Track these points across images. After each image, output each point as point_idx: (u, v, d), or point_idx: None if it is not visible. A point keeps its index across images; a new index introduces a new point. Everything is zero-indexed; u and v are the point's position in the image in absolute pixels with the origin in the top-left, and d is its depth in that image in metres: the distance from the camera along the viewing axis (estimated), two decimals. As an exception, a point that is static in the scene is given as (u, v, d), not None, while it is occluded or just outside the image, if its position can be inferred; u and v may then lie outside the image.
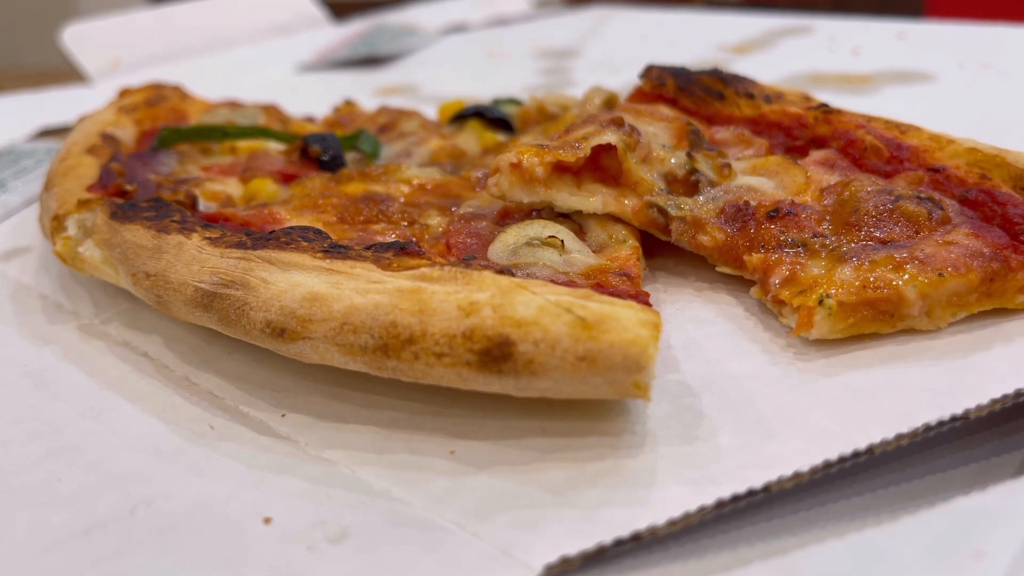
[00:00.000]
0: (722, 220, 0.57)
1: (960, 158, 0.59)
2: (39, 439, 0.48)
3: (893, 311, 0.49)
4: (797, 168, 0.60)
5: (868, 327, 0.50)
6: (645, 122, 0.65)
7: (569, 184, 0.59)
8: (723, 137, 0.67)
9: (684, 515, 0.38)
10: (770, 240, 0.55)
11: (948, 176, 0.58)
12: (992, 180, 0.56)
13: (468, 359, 0.43)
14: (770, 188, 0.59)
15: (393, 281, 0.46)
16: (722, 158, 0.62)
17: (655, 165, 0.61)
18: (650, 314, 0.43)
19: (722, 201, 0.58)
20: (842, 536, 0.36)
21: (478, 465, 0.43)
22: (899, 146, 0.61)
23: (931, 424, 0.42)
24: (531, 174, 0.57)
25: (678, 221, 0.57)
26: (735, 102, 0.69)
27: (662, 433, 0.44)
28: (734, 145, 0.66)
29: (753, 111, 0.68)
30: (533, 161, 0.57)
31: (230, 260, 0.50)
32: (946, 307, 0.50)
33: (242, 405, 0.50)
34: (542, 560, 0.37)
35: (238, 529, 0.40)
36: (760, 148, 0.65)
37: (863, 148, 0.62)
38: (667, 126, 0.65)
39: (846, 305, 0.49)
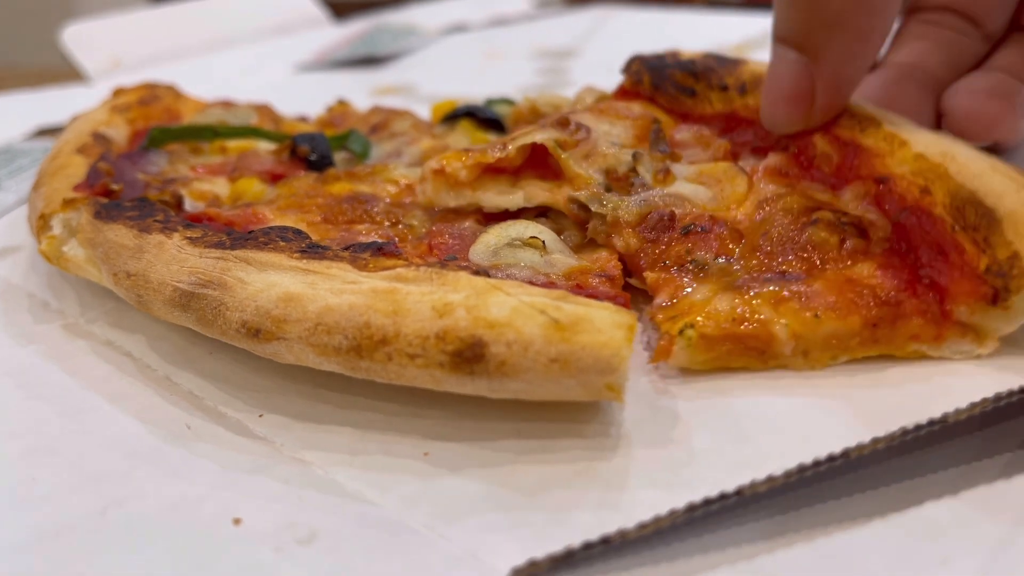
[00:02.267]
0: (643, 227, 0.55)
1: (906, 165, 0.53)
2: (16, 438, 0.48)
3: (764, 348, 0.47)
4: (741, 177, 0.59)
5: (735, 362, 0.48)
6: (605, 121, 0.65)
7: (504, 184, 0.60)
8: (683, 138, 0.66)
9: (654, 518, 0.38)
10: (676, 257, 0.53)
11: (891, 190, 0.53)
12: (931, 196, 0.51)
13: (441, 360, 0.42)
14: (704, 199, 0.58)
15: (368, 282, 0.46)
16: (672, 160, 0.61)
17: (597, 161, 0.61)
18: (625, 316, 0.43)
19: (648, 206, 0.56)
20: (811, 541, 0.36)
21: (451, 467, 0.43)
22: (854, 150, 0.57)
23: (907, 428, 0.41)
24: (455, 178, 0.58)
25: (597, 218, 0.56)
26: (707, 98, 0.68)
27: (637, 435, 0.43)
28: (693, 146, 0.65)
29: (724, 107, 0.67)
30: (456, 165, 0.58)
31: (208, 260, 0.50)
32: (824, 349, 0.48)
33: (221, 405, 0.50)
34: (509, 563, 0.37)
35: (208, 530, 0.40)
36: (718, 150, 0.63)
37: (812, 155, 0.59)
38: (631, 124, 0.65)
39: (708, 338, 0.47)
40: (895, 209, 0.52)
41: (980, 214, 0.47)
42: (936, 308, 0.48)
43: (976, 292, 0.46)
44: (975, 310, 0.47)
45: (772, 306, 0.48)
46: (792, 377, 0.47)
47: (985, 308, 0.46)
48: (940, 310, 0.48)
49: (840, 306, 0.48)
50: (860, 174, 0.55)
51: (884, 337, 0.47)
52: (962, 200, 0.48)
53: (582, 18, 1.53)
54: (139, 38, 1.37)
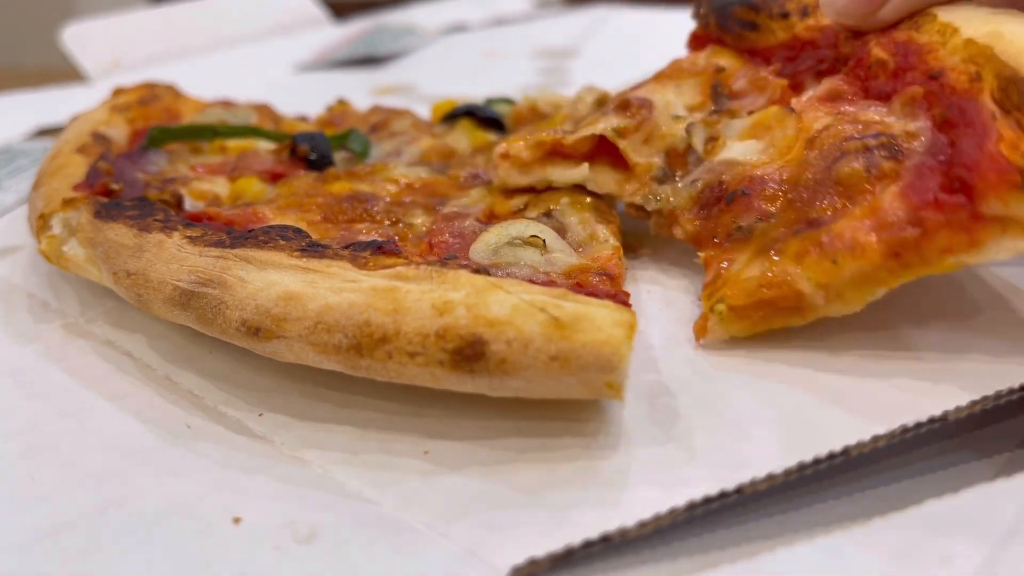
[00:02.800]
0: (696, 208, 0.56)
1: (957, 54, 0.50)
2: (16, 438, 0.48)
3: (796, 306, 0.48)
4: (790, 119, 0.57)
5: (776, 323, 0.48)
6: (670, 87, 0.66)
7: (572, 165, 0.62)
8: (740, 86, 0.65)
9: (655, 517, 0.38)
10: (724, 228, 0.54)
11: (943, 85, 0.49)
12: (981, 81, 0.47)
13: (441, 358, 0.42)
14: (754, 154, 0.57)
15: (368, 280, 0.46)
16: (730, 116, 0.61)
17: (655, 143, 0.62)
18: (625, 314, 0.43)
19: (701, 183, 0.57)
20: (811, 539, 0.36)
21: (451, 465, 0.43)
22: (907, 51, 0.53)
23: (908, 426, 0.41)
24: (519, 159, 0.61)
25: (656, 215, 0.58)
26: (769, 28, 0.66)
27: (637, 434, 0.43)
28: (750, 92, 0.64)
29: (787, 34, 0.64)
30: (518, 146, 0.62)
31: (208, 259, 0.50)
32: (856, 289, 0.47)
33: (220, 404, 0.50)
34: (509, 561, 0.37)
35: (207, 529, 0.40)
36: (775, 91, 0.62)
37: (868, 65, 0.56)
38: (695, 83, 0.65)
39: (738, 309, 0.48)
40: (945, 105, 0.49)
41: (1022, 93, 0.45)
42: (965, 214, 0.45)
43: (1005, 180, 0.43)
44: (1007, 200, 0.43)
45: (795, 261, 0.48)
46: (793, 377, 0.47)
47: (1018, 196, 0.43)
48: (970, 213, 0.44)
49: (857, 245, 0.46)
50: (916, 75, 0.52)
51: (914, 261, 0.46)
52: (1006, 80, 0.46)
53: (582, 18, 1.53)
54: (139, 38, 1.37)
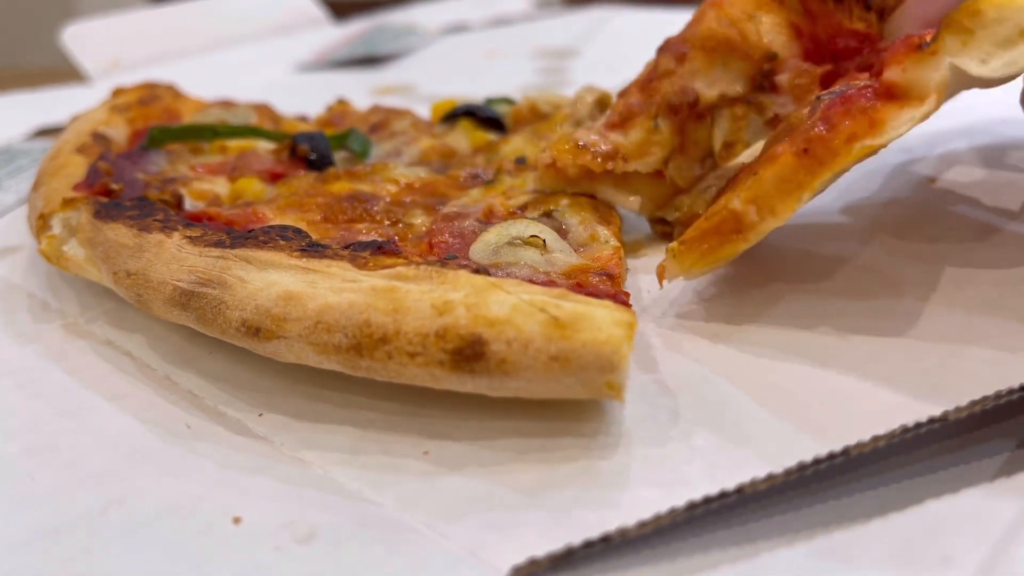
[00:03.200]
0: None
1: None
2: (15, 438, 0.48)
3: (737, 227, 0.49)
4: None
5: (725, 251, 0.50)
6: (715, 70, 0.64)
7: (612, 182, 0.63)
8: (782, 82, 0.63)
9: (655, 517, 0.38)
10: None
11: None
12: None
13: (441, 358, 0.42)
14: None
15: (368, 280, 0.46)
16: (757, 112, 0.61)
17: (693, 151, 0.63)
18: (625, 314, 0.43)
19: (715, 189, 0.59)
20: (811, 539, 0.36)
21: (451, 466, 0.43)
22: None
23: (908, 426, 0.41)
24: (564, 174, 0.62)
25: (678, 225, 0.60)
26: (850, 9, 0.63)
27: (637, 434, 0.43)
28: (786, 93, 0.63)
29: (864, 27, 0.62)
30: (567, 161, 0.61)
31: (208, 259, 0.50)
32: (783, 197, 0.48)
33: (220, 405, 0.49)
34: (509, 562, 0.37)
35: (207, 529, 0.40)
36: (807, 105, 0.59)
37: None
38: (742, 68, 0.63)
39: (687, 241, 0.50)
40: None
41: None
42: (864, 100, 0.47)
43: (908, 49, 0.46)
44: (906, 66, 0.46)
45: (730, 192, 0.51)
46: (792, 376, 0.47)
47: (915, 60, 0.46)
48: (871, 96, 0.47)
49: (773, 155, 0.48)
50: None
51: (825, 155, 0.47)
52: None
53: (582, 18, 1.53)
54: (139, 38, 1.37)
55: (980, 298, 0.52)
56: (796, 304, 0.53)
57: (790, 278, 0.56)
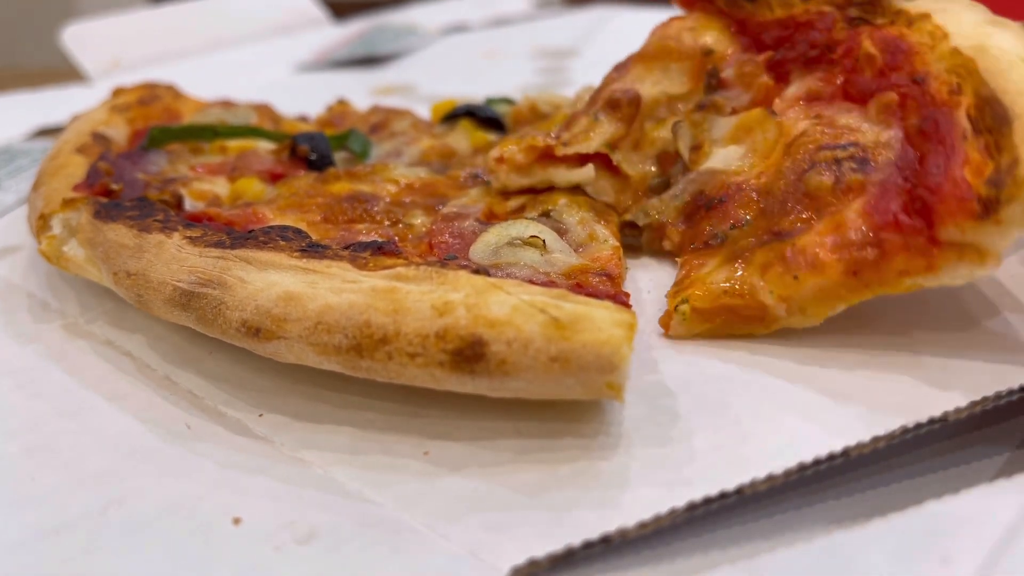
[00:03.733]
0: (682, 219, 0.58)
1: (943, 62, 0.49)
2: (15, 438, 0.48)
3: (759, 315, 0.49)
4: (771, 123, 0.58)
5: (737, 329, 0.50)
6: (657, 70, 0.66)
7: (568, 168, 0.62)
8: (728, 75, 0.64)
9: (655, 517, 0.38)
10: (702, 235, 0.56)
11: (924, 92, 0.49)
12: (961, 95, 0.47)
13: (441, 359, 0.42)
14: (735, 160, 0.58)
15: (368, 281, 0.46)
16: (715, 113, 0.61)
17: (647, 148, 0.64)
18: (625, 314, 0.43)
19: (687, 195, 0.59)
20: (811, 540, 0.36)
21: (451, 466, 0.43)
22: (896, 48, 0.53)
23: (908, 427, 0.41)
24: (514, 162, 0.61)
25: (647, 230, 0.60)
26: (767, 3, 0.64)
27: (637, 434, 0.43)
28: (736, 86, 0.64)
29: (784, 11, 0.63)
30: (512, 150, 0.62)
31: (208, 259, 0.50)
32: (816, 304, 0.48)
33: (220, 405, 0.49)
34: (509, 562, 0.37)
35: (207, 529, 0.40)
36: (759, 91, 0.62)
37: (856, 59, 0.55)
38: (682, 68, 0.65)
39: (701, 311, 0.50)
40: (922, 115, 0.49)
41: (995, 115, 0.44)
42: (923, 238, 0.45)
43: (963, 209, 0.43)
44: (964, 228, 0.43)
45: (760, 273, 0.50)
46: (792, 377, 0.47)
47: (975, 224, 0.43)
48: (928, 238, 0.45)
49: (818, 262, 0.48)
50: (901, 76, 0.52)
51: (872, 280, 0.47)
52: (983, 100, 0.45)
53: (582, 18, 1.53)
54: (139, 38, 1.36)
55: (978, 299, 0.52)
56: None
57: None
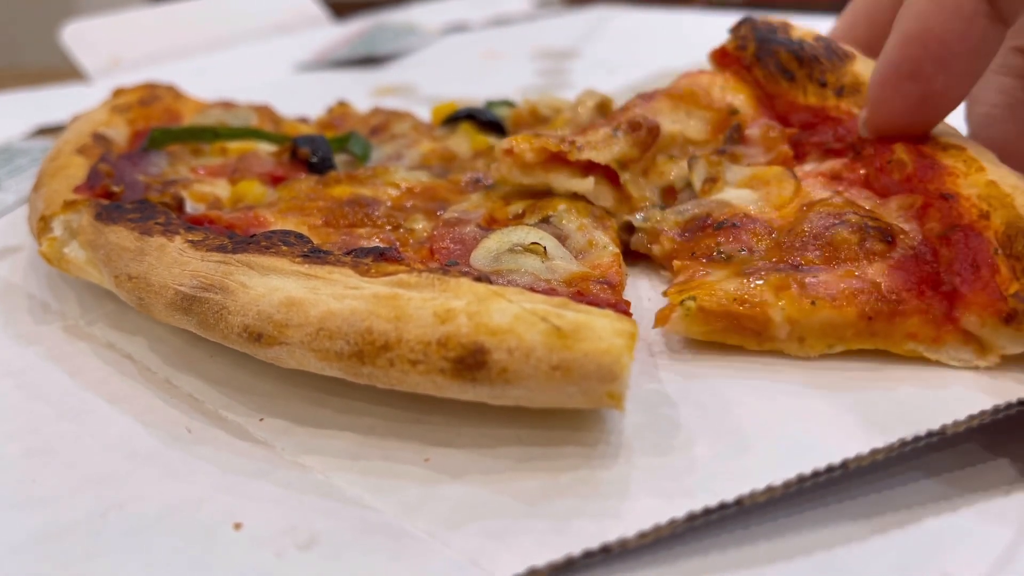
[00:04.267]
0: (679, 230, 0.59)
1: (976, 189, 0.53)
2: (16, 440, 0.48)
3: (760, 330, 0.49)
4: (790, 181, 0.60)
5: (731, 338, 0.50)
6: (682, 110, 0.67)
7: (571, 173, 0.62)
8: (752, 134, 0.66)
9: (654, 527, 0.38)
10: (705, 249, 0.56)
11: (952, 207, 0.52)
12: (989, 220, 0.50)
13: (442, 366, 0.42)
14: (748, 201, 0.59)
15: (370, 287, 0.46)
16: (732, 161, 0.63)
17: (655, 178, 0.64)
18: (627, 323, 0.43)
19: (689, 215, 0.59)
20: (810, 553, 0.36)
21: (452, 473, 0.43)
22: (931, 163, 0.56)
23: (907, 439, 0.42)
24: (522, 159, 0.61)
25: (640, 231, 0.60)
26: (803, 87, 0.66)
27: (638, 443, 0.43)
28: (757, 145, 0.65)
29: (817, 101, 0.65)
30: (523, 147, 0.61)
31: (210, 263, 0.50)
32: (819, 337, 0.49)
33: (221, 409, 0.50)
34: (509, 570, 0.37)
35: (208, 534, 0.40)
36: (778, 156, 0.64)
37: (887, 160, 0.58)
38: (706, 118, 0.67)
39: (707, 311, 0.50)
40: (944, 225, 0.52)
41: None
42: (940, 312, 0.48)
43: (993, 306, 0.47)
44: (986, 323, 0.47)
45: (774, 291, 0.50)
46: (793, 387, 0.47)
47: (996, 324, 0.47)
48: (947, 314, 0.48)
49: (839, 297, 0.49)
50: (928, 188, 0.55)
51: (881, 331, 0.48)
52: (1016, 230, 0.49)
53: (582, 18, 1.53)
54: (138, 37, 1.37)
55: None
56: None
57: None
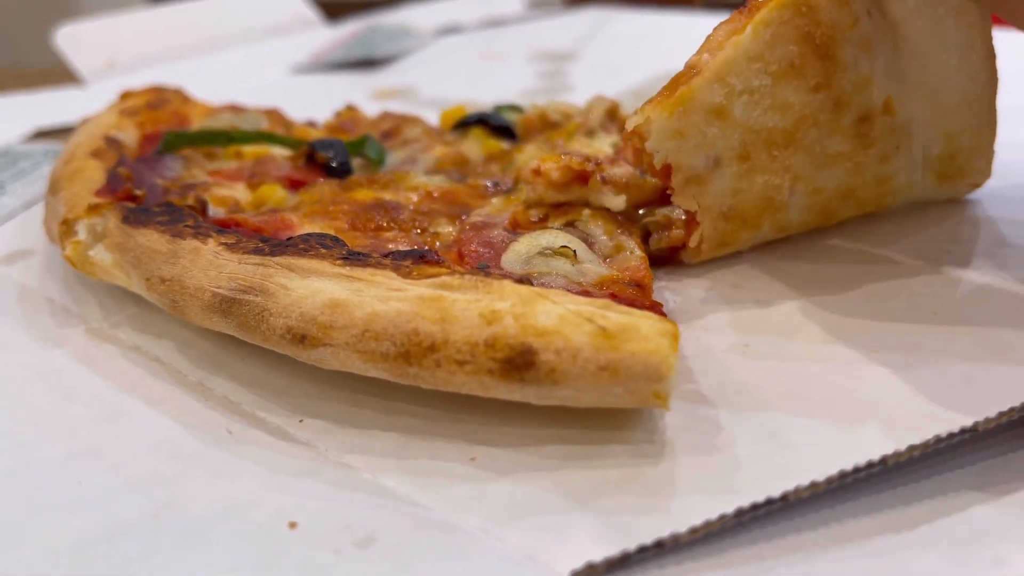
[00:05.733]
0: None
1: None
2: (57, 442, 0.48)
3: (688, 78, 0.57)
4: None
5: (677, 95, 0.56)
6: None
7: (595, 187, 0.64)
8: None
9: (705, 522, 0.39)
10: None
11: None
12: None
13: (490, 367, 0.43)
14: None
15: (414, 289, 0.47)
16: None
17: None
18: (668, 324, 0.44)
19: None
20: (864, 543, 0.37)
21: (499, 471, 0.44)
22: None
23: (941, 436, 0.43)
24: (549, 179, 0.62)
25: (650, 219, 0.62)
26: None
27: (680, 442, 0.44)
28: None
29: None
30: (549, 167, 0.62)
31: (248, 266, 0.51)
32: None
33: (258, 410, 0.50)
34: (568, 566, 0.38)
35: (264, 533, 0.41)
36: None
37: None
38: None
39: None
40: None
41: None
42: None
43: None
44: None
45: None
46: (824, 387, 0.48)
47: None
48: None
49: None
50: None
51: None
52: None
53: (580, 20, 1.54)
54: (133, 39, 1.36)
55: (999, 309, 0.54)
56: (820, 318, 0.55)
57: (812, 292, 0.58)
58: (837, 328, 0.53)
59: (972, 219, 0.66)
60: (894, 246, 0.63)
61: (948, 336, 0.52)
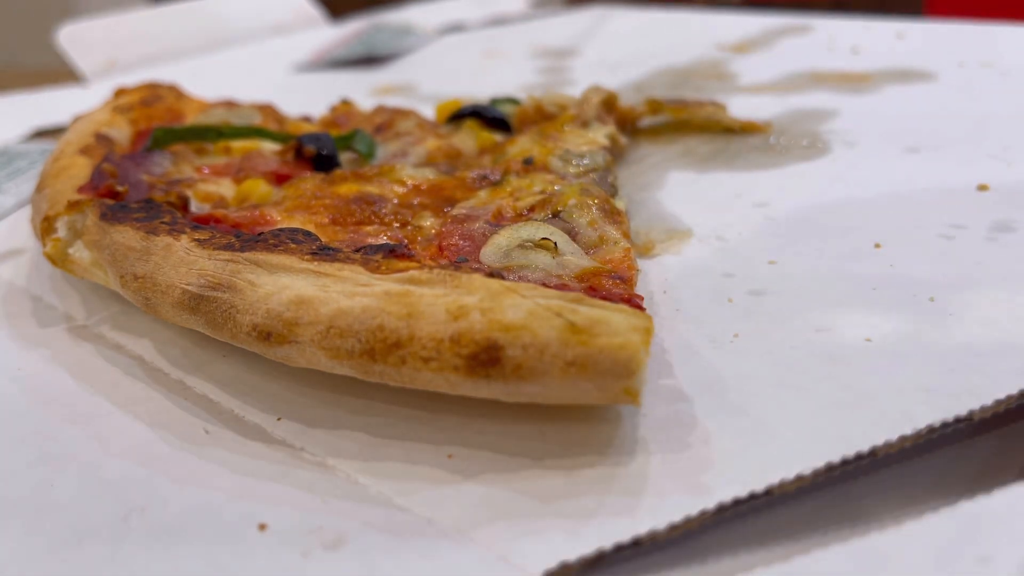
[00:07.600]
0: None
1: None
2: (28, 445, 0.47)
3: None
4: None
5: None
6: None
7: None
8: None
9: (685, 520, 0.37)
10: None
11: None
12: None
13: (456, 364, 0.42)
14: None
15: (381, 284, 0.45)
16: None
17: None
18: (642, 318, 0.43)
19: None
20: (845, 541, 0.36)
21: (473, 471, 0.42)
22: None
23: (934, 426, 0.41)
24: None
25: None
26: None
27: (659, 438, 0.43)
28: None
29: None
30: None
31: (218, 262, 0.50)
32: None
33: (237, 409, 0.49)
34: (541, 566, 0.36)
35: (233, 535, 0.40)
36: None
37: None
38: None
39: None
40: None
41: None
42: None
43: None
44: None
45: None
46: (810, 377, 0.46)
47: None
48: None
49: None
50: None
51: None
52: None
53: (581, 17, 1.53)
54: (135, 38, 1.36)
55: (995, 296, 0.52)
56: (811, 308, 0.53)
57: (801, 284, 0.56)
58: (824, 319, 0.51)
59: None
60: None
61: (946, 323, 0.50)
